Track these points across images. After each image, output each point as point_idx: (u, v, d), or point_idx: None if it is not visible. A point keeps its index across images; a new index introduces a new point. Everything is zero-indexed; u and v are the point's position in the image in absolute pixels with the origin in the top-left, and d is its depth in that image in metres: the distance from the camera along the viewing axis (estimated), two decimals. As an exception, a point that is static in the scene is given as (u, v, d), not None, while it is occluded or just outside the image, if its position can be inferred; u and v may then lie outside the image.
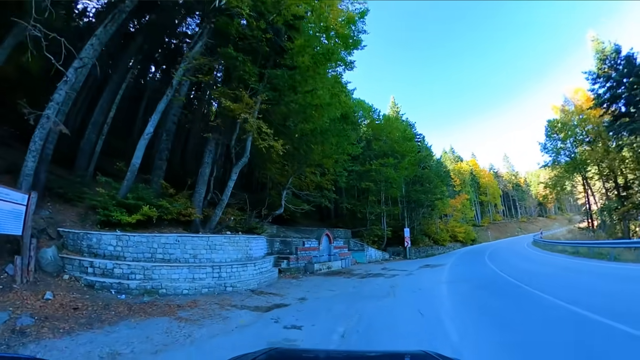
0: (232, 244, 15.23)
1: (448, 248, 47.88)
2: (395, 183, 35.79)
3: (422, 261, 31.23)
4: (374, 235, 35.09)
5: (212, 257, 14.07)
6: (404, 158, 36.43)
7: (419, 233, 41.50)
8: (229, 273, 13.50)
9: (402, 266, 26.22)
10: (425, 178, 41.82)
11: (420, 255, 38.80)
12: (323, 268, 22.56)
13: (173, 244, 13.18)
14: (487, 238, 76.25)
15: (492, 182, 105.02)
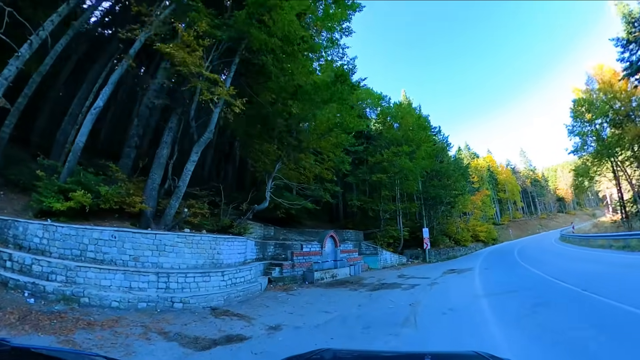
0: (189, 246, 11.95)
1: (470, 249, 42.87)
2: (411, 174, 30.82)
3: (445, 265, 26.68)
4: (388, 236, 30.55)
5: (160, 262, 11.11)
6: (419, 147, 31.81)
7: (438, 233, 36.72)
8: (182, 284, 10.41)
9: (423, 272, 21.77)
10: (444, 172, 36.98)
11: (441, 258, 34.10)
12: (326, 277, 18.39)
13: (108, 240, 10.40)
14: (508, 237, 70.74)
15: (510, 178, 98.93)
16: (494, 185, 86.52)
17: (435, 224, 36.20)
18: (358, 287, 15.87)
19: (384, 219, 31.53)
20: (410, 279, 18.31)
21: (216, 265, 12.63)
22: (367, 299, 12.42)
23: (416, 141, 31.81)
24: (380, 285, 15.97)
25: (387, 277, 19.37)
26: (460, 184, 38.23)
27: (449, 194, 35.74)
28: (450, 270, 21.64)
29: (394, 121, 34.10)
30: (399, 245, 31.33)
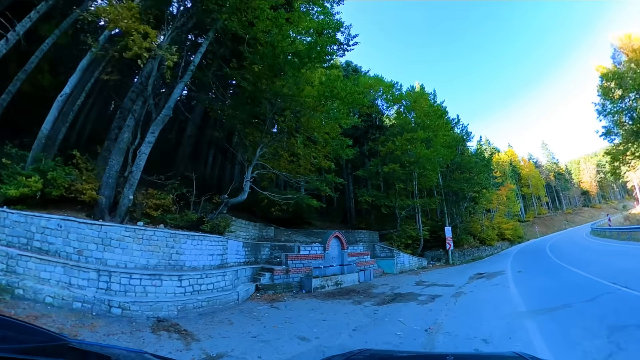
0: (138, 242, 10.25)
1: (496, 248, 38.61)
2: (428, 164, 26.80)
3: (471, 268, 23.04)
4: (406, 237, 26.88)
5: (105, 257, 9.72)
6: (435, 134, 27.96)
7: (462, 232, 32.74)
8: (125, 286, 8.95)
9: (445, 277, 18.32)
10: (465, 164, 32.91)
11: (466, 259, 30.24)
12: (328, 285, 15.25)
13: (54, 229, 9.41)
14: (534, 234, 65.34)
15: (533, 172, 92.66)
16: (516, 180, 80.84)
17: (458, 222, 32.31)
18: (364, 298, 12.70)
19: (400, 217, 27.85)
20: (430, 286, 14.94)
21: (174, 267, 10.68)
22: (369, 319, 9.18)
23: (432, 128, 28.02)
24: (392, 297, 12.72)
25: (402, 285, 16.05)
26: (484, 175, 34.01)
27: (472, 188, 31.64)
28: (477, 274, 18.07)
29: (407, 110, 30.37)
30: (419, 247, 27.75)
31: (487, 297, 11.11)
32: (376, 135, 30.54)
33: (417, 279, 18.03)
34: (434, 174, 28.31)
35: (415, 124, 28.33)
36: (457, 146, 32.14)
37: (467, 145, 36.11)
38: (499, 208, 45.55)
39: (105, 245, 9.77)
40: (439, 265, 26.42)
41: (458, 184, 30.78)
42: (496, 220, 44.46)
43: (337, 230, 19.37)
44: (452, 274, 19.66)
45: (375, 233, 27.50)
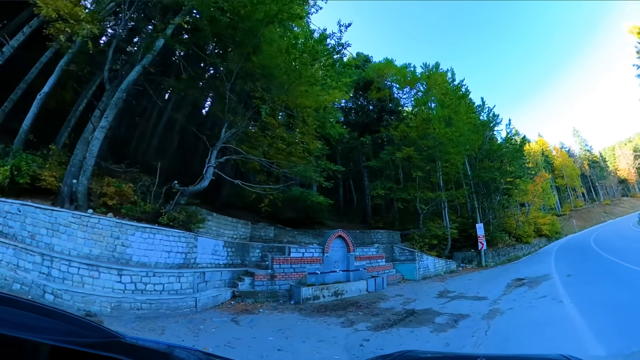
0: (83, 229, 9.43)
1: (533, 246, 33.40)
2: (451, 146, 22.12)
3: (507, 271, 18.87)
4: (430, 236, 22.75)
5: (53, 243, 9.12)
6: (456, 113, 23.46)
7: (495, 229, 27.92)
8: (64, 273, 8.22)
9: (477, 284, 14.58)
10: (495, 151, 28.26)
11: (501, 260, 25.72)
12: (324, 295, 12.09)
13: (15, 214, 9.21)
14: (571, 229, 58.12)
15: (567, 161, 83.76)
16: (550, 171, 73.35)
17: (491, 217, 27.68)
18: (363, 316, 9.46)
19: (423, 214, 23.71)
20: (455, 300, 11.30)
21: (118, 260, 9.54)
22: (346, 356, 5.80)
23: (452, 107, 23.63)
24: (400, 316, 9.33)
25: (420, 296, 12.53)
26: (516, 162, 29.09)
27: (504, 177, 26.95)
28: (516, 280, 14.09)
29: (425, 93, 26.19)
30: (446, 247, 23.67)
31: (534, 319, 7.47)
32: (390, 120, 26.79)
33: (441, 288, 14.34)
34: (459, 159, 23.68)
35: (432, 103, 24.26)
36: (485, 132, 27.73)
37: (495, 132, 31.34)
38: (534, 201, 40.05)
39: (54, 230, 9.23)
40: (470, 269, 22.34)
41: (489, 173, 26.23)
42: (532, 214, 38.98)
43: (341, 229, 15.92)
44: (485, 280, 15.80)
45: (396, 233, 23.81)
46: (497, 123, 28.98)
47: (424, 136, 22.11)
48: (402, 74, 27.74)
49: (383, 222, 26.15)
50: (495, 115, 28.82)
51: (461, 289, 13.33)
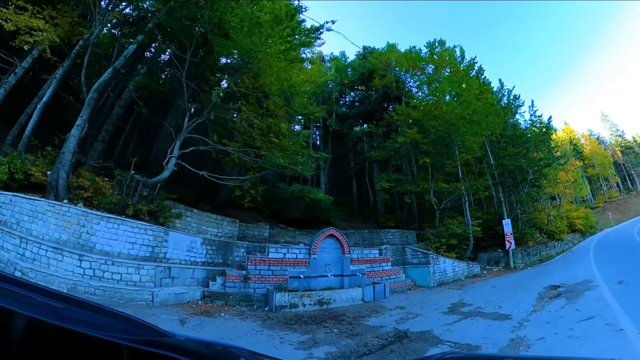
0: (56, 216, 9.65)
1: (567, 243, 28.69)
2: (463, 125, 18.19)
3: (539, 274, 15.34)
4: (448, 235, 19.38)
5: (32, 228, 9.57)
6: (469, 87, 19.63)
7: (525, 226, 23.52)
8: (35, 254, 8.77)
9: (500, 294, 11.32)
10: (519, 137, 24.06)
11: (532, 261, 21.75)
12: (304, 302, 9.99)
13: (7, 204, 9.94)
14: (607, 222, 51.19)
15: (597, 149, 73.81)
16: (579, 160, 65.91)
17: (519, 212, 23.61)
18: (336, 336, 7.00)
19: (439, 209, 20.34)
20: (468, 318, 8.27)
21: (83, 247, 9.60)
22: None
23: (462, 82, 19.84)
24: (383, 341, 6.74)
25: (426, 310, 9.70)
26: (545, 146, 24.67)
27: (532, 164, 22.67)
28: (550, 288, 10.69)
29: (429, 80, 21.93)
30: (468, 248, 20.26)
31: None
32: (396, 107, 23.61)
33: (455, 298, 11.24)
34: (475, 140, 19.57)
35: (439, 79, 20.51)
36: (506, 116, 23.74)
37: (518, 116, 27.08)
38: (566, 193, 35.09)
39: (34, 217, 9.72)
40: (497, 272, 18.79)
41: (514, 160, 22.29)
42: (564, 207, 33.91)
43: (332, 228, 13.20)
44: (511, 288, 12.48)
45: (411, 232, 20.71)
46: (519, 105, 25.04)
47: (430, 117, 18.69)
48: (405, 57, 24.35)
49: (395, 221, 22.91)
50: (516, 96, 24.94)
51: (480, 301, 10.22)
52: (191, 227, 13.57)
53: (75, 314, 0.87)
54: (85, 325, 0.80)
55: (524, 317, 7.43)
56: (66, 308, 0.86)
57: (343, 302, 10.77)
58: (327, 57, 31.19)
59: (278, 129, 14.64)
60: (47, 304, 0.84)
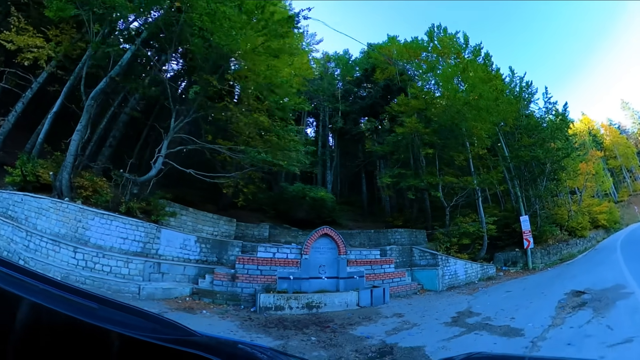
0: (57, 212, 10.09)
1: (590, 240, 25.57)
2: (469, 111, 16.00)
3: (560, 277, 13.41)
4: (460, 234, 17.36)
5: (37, 223, 10.03)
6: (474, 69, 17.33)
7: (544, 222, 20.82)
8: (37, 245, 9.26)
9: (514, 301, 9.65)
10: (533, 126, 21.64)
11: (552, 261, 19.43)
12: (291, 305, 9.20)
13: (19, 202, 10.54)
14: (633, 217, 46.29)
15: (619, 139, 66.96)
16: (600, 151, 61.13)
17: (538, 208, 21.15)
18: (310, 346, 5.79)
19: (450, 206, 18.45)
20: (471, 332, 6.76)
21: (79, 240, 9.79)
22: None
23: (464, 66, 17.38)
24: (361, 358, 5.26)
25: (426, 320, 8.29)
26: (561, 134, 21.76)
27: (550, 155, 20.13)
28: (573, 295, 8.89)
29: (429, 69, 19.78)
30: (482, 248, 18.32)
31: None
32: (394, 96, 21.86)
33: (462, 306, 9.62)
34: (483, 127, 17.13)
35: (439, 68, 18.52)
36: (520, 106, 21.36)
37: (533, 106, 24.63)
38: (586, 186, 31.89)
39: (39, 214, 10.11)
40: (514, 273, 16.84)
41: (530, 151, 19.80)
42: (585, 202, 30.50)
43: (327, 226, 12.13)
44: (527, 293, 10.76)
45: (421, 232, 19.03)
46: (532, 93, 22.65)
47: (432, 105, 16.85)
48: (405, 47, 22.37)
49: (404, 219, 21.16)
50: (528, 84, 22.55)
51: (490, 310, 8.62)
52: (186, 225, 13.36)
53: (109, 314, 0.89)
54: (118, 325, 0.82)
55: (539, 334, 5.87)
56: (101, 308, 0.88)
57: (335, 306, 9.62)
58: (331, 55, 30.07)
59: (262, 124, 13.76)
60: (84, 304, 0.86)
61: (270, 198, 20.36)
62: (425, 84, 17.99)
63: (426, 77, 18.07)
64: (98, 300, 0.90)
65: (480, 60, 18.25)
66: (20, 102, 13.76)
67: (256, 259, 10.52)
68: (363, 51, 28.40)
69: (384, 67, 23.06)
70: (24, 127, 14.18)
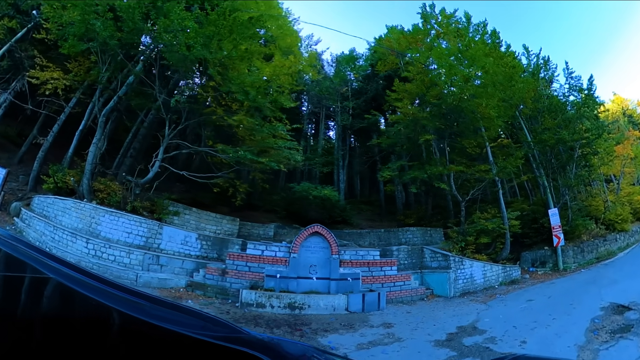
0: (76, 211, 11.14)
1: (632, 235, 21.51)
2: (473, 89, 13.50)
3: (595, 282, 10.54)
4: (476, 232, 14.39)
5: (62, 220, 11.20)
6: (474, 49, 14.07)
7: (576, 216, 16.97)
8: (61, 237, 10.42)
9: (533, 316, 7.31)
10: (555, 105, 17.51)
11: (586, 260, 15.80)
12: (272, 303, 8.38)
13: (51, 204, 11.84)
14: None
15: None
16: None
17: (568, 198, 17.35)
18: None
19: (464, 201, 15.53)
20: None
21: (92, 233, 10.58)
22: None
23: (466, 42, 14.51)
24: None
25: (413, 335, 6.72)
26: (590, 111, 17.77)
27: (577, 136, 16.33)
28: (614, 312, 6.37)
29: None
30: (504, 247, 15.45)
31: None
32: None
33: (468, 319, 7.49)
34: (491, 103, 13.83)
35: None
36: (538, 84, 17.74)
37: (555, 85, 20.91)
38: (624, 172, 26.58)
39: (64, 212, 11.20)
40: (541, 276, 14.02)
41: (554, 133, 16.22)
42: (624, 190, 25.50)
43: (318, 224, 10.66)
44: (552, 305, 8.29)
45: (436, 230, 16.73)
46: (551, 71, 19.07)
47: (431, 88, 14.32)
48: (402, 34, 19.76)
49: (416, 217, 18.63)
50: (546, 60, 18.87)
51: (498, 327, 6.46)
52: (189, 224, 13.61)
53: (160, 312, 0.89)
54: (169, 322, 0.83)
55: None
56: (152, 307, 0.89)
57: (320, 309, 8.31)
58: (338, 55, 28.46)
59: (246, 124, 13.36)
60: (137, 303, 0.88)
61: (283, 199, 19.29)
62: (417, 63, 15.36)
63: (426, 61, 15.41)
64: (150, 299, 0.93)
65: (488, 40, 15.41)
66: (56, 124, 15.31)
67: (245, 256, 10.09)
68: (369, 48, 26.63)
69: (384, 58, 20.85)
70: (62, 144, 15.40)
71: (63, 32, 12.03)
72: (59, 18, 11.85)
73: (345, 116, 22.09)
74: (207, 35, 11.18)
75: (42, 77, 14.22)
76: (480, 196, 16.86)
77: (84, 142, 14.47)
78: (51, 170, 13.21)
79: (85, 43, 12.05)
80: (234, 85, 11.86)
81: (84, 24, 11.14)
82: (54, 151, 15.36)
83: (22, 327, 0.73)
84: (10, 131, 17.89)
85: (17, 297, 0.83)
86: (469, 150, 15.65)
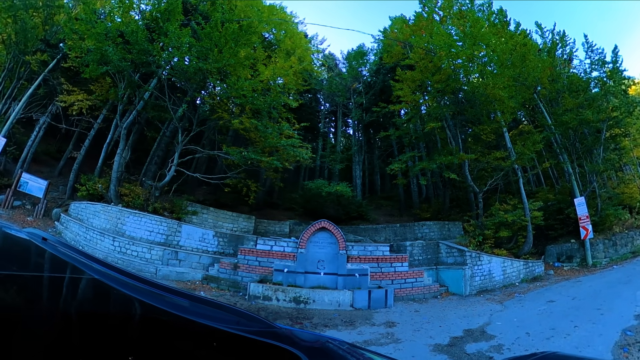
0: (105, 213, 11.98)
1: None
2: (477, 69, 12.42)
3: (629, 282, 9.05)
4: (495, 225, 13.23)
5: (92, 221, 12.09)
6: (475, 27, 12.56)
7: (605, 204, 14.86)
8: (92, 236, 11.18)
9: (553, 323, 6.30)
10: (577, 85, 15.55)
11: (619, 254, 13.98)
12: (278, 297, 8.16)
13: (84, 208, 12.85)
14: None
15: None
16: None
17: (596, 185, 15.38)
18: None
19: (482, 192, 14.38)
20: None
21: (118, 232, 11.29)
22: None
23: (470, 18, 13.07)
24: None
25: (413, 338, 6.02)
26: (616, 87, 15.08)
27: (602, 115, 14.27)
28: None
29: None
30: (526, 240, 14.01)
31: None
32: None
33: (479, 321, 6.67)
34: (499, 81, 12.50)
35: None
36: (554, 61, 15.87)
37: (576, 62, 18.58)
38: None
39: (95, 215, 12.10)
40: (567, 272, 12.62)
41: (576, 114, 14.23)
42: None
43: (325, 220, 9.99)
44: (576, 308, 7.11)
45: (455, 224, 15.58)
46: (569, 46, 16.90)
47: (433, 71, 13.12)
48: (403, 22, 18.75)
49: (433, 211, 17.51)
50: (562, 35, 16.76)
51: (510, 332, 5.63)
52: (207, 222, 14.03)
53: (198, 309, 0.94)
54: (206, 319, 0.87)
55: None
56: (191, 305, 0.94)
57: (325, 304, 7.94)
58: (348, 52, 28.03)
59: (248, 125, 13.32)
60: (177, 301, 0.93)
61: (302, 197, 18.94)
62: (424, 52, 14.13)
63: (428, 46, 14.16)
64: (188, 297, 0.97)
65: (495, 20, 13.87)
66: (87, 139, 16.66)
67: (255, 251, 10.18)
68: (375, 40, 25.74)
69: (390, 50, 19.80)
70: (93, 155, 16.69)
71: (83, 60, 12.85)
72: (79, 48, 12.87)
73: (357, 112, 21.26)
74: (203, 47, 11.59)
75: (69, 100, 15.59)
76: (501, 186, 15.48)
77: (112, 153, 15.34)
78: (83, 180, 14.55)
79: (103, 66, 12.75)
80: (233, 91, 11.94)
81: (99, 50, 11.84)
82: (88, 162, 16.71)
83: (67, 323, 0.73)
84: (51, 148, 19.60)
85: (59, 293, 0.87)
86: (484, 137, 14.29)
